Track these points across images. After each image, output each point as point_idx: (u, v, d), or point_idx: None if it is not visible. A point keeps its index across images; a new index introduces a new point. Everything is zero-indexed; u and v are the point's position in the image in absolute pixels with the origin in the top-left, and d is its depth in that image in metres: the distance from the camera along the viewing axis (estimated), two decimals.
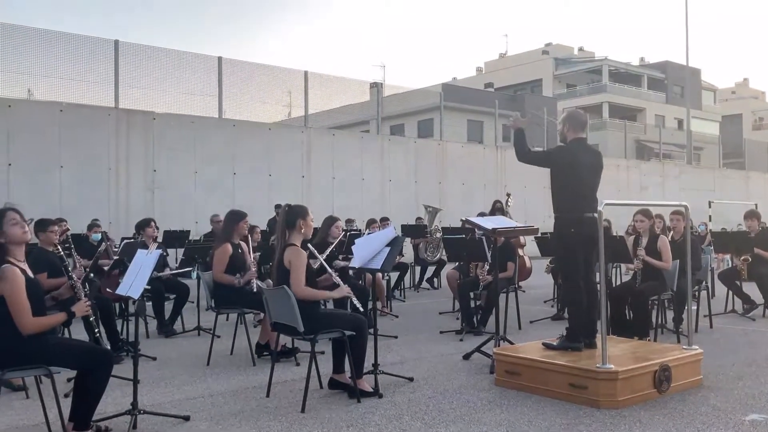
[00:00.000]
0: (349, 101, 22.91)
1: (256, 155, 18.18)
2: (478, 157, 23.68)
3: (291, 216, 5.02)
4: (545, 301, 10.42)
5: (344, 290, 5.09)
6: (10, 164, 14.64)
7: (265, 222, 15.26)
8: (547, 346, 5.41)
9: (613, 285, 7.95)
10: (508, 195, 12.53)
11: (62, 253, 4.49)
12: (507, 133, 35.12)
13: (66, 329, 4.53)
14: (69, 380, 5.07)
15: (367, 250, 5.14)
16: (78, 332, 5.47)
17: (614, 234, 8.11)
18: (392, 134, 29.60)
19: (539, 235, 8.61)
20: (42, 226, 5.96)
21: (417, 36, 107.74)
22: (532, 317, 8.69)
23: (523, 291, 11.29)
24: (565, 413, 4.56)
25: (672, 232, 7.65)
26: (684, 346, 5.52)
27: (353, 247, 5.24)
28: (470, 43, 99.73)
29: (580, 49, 52.62)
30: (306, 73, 19.64)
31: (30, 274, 3.90)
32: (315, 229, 6.02)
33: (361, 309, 5.16)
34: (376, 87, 24.43)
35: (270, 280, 6.84)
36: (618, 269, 9.09)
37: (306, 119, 19.72)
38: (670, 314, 7.96)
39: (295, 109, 21.01)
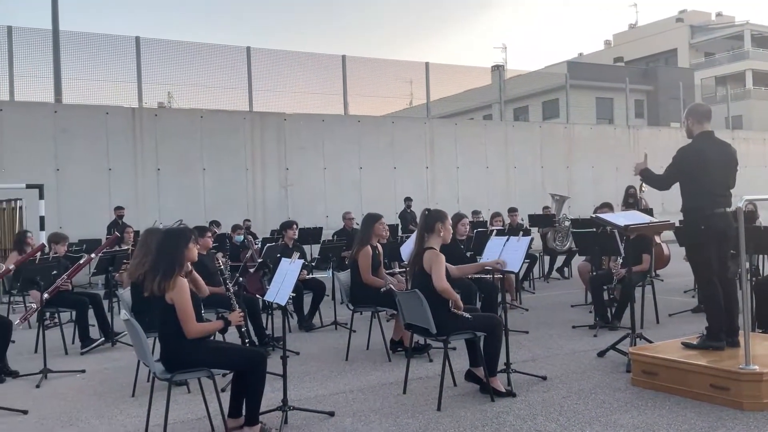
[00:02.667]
0: (471, 86, 22.83)
1: (381, 149, 18.62)
2: (608, 138, 22.84)
3: (430, 220, 5.16)
4: (685, 291, 9.99)
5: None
6: (159, 169, 15.93)
7: (392, 215, 15.66)
8: (687, 346, 5.26)
9: (760, 276, 7.50)
10: (642, 180, 12.05)
11: (221, 265, 4.92)
12: (639, 109, 33.63)
13: (222, 336, 4.96)
14: (224, 375, 5.56)
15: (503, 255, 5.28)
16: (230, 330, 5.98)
17: (758, 223, 7.64)
18: (516, 117, 29.18)
19: (677, 225, 8.25)
20: (200, 232, 6.54)
21: (539, 12, 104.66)
22: (671, 309, 8.39)
23: (662, 280, 10.89)
24: (706, 415, 4.45)
25: None
26: None
27: (485, 253, 5.36)
28: (597, 16, 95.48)
29: (718, 14, 49.01)
30: (427, 64, 19.80)
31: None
32: None
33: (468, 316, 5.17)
34: (497, 70, 24.17)
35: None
36: (766, 259, 8.54)
37: (428, 110, 19.90)
38: None
39: (416, 99, 21.27)
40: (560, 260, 12.60)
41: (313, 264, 9.73)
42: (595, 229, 7.80)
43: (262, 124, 17.18)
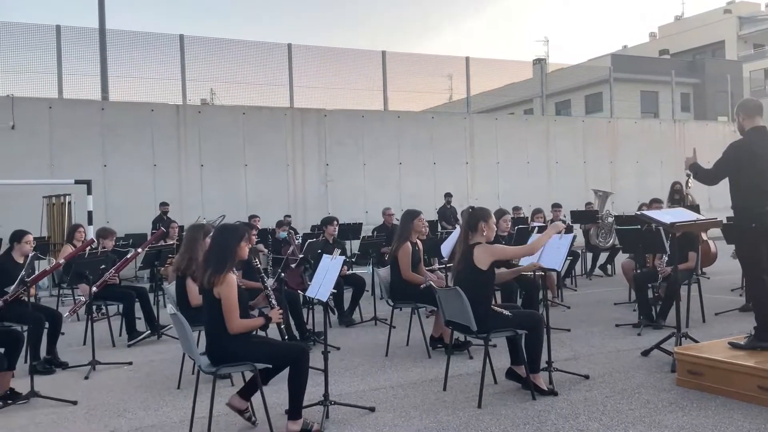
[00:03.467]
0: (512, 80, 22.61)
1: (420, 144, 18.59)
2: (654, 133, 22.39)
3: (473, 219, 5.13)
4: (732, 290, 9.75)
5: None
6: (202, 165, 16.19)
7: (432, 210, 15.63)
8: (734, 346, 5.14)
9: None
10: (689, 175, 11.75)
11: (259, 263, 4.98)
12: (686, 103, 32.84)
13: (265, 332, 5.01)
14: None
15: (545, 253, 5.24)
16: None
17: None
18: (558, 111, 28.80)
19: (724, 222, 8.06)
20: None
21: (582, 4, 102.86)
22: (717, 308, 8.20)
23: (708, 278, 10.66)
24: (754, 417, 4.34)
25: None
26: None
27: None
28: (641, 7, 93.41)
29: None
30: (467, 59, 19.67)
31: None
32: None
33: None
34: (539, 63, 23.88)
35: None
36: None
37: (468, 105, 19.78)
38: None
39: (456, 93, 21.15)
40: (603, 257, 12.42)
41: (353, 260, 9.78)
42: (639, 226, 7.66)
43: (303, 120, 17.31)
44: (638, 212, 6.97)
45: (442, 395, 5.15)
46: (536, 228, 8.58)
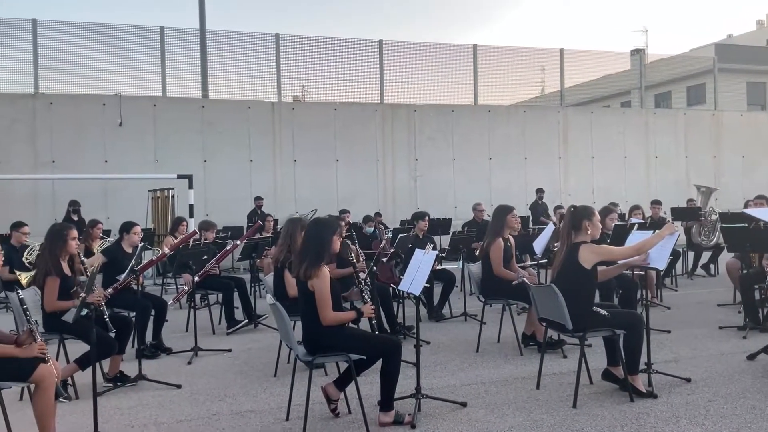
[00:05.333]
0: (608, 72, 21.89)
1: (512, 139, 18.32)
2: (761, 126, 21.14)
3: (576, 218, 5.01)
4: None
5: None
6: (295, 160, 16.59)
7: (522, 206, 15.39)
8: None
9: None
10: None
11: (354, 258, 5.08)
12: None
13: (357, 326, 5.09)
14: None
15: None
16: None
17: None
18: (657, 104, 27.69)
19: None
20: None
21: None
22: None
23: None
24: None
25: None
26: None
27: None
28: None
29: None
30: (562, 51, 19.20)
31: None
32: None
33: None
34: (637, 54, 23.01)
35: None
36: None
37: (562, 98, 19.31)
38: None
39: (548, 86, 20.69)
40: (706, 256, 11.85)
41: (443, 255, 9.76)
42: (746, 224, 7.27)
43: (393, 116, 17.42)
44: (744, 209, 6.61)
45: (535, 393, 5.09)
46: (635, 225, 8.27)
